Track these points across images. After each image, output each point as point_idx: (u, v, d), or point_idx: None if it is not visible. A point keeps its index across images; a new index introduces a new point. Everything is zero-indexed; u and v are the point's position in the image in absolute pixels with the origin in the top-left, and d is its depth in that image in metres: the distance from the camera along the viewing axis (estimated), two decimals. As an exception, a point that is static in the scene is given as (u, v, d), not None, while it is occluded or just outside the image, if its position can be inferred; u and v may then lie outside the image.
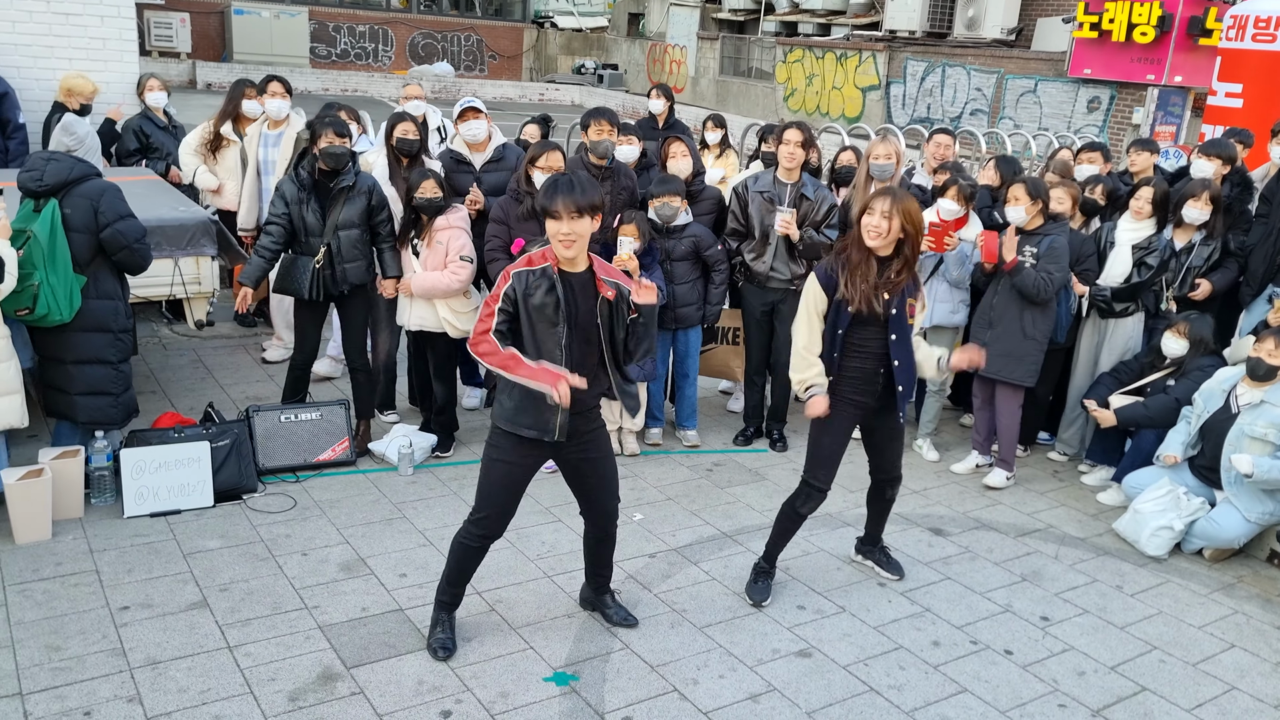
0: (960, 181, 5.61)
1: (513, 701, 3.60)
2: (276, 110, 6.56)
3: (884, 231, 3.91)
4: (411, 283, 5.34)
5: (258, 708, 3.47)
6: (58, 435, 4.90)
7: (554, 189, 3.45)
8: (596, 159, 5.71)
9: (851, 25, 20.93)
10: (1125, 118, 15.06)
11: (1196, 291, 5.83)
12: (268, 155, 6.58)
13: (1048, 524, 5.34)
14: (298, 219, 5.24)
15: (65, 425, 4.87)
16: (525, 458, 3.70)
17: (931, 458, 6.06)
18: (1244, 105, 10.09)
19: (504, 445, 3.69)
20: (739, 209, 5.79)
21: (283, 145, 6.53)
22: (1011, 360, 5.50)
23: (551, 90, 26.37)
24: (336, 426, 5.39)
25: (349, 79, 23.99)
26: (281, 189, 5.27)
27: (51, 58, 7.02)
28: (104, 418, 4.81)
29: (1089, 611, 4.49)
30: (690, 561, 4.68)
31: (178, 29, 21.86)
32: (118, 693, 3.49)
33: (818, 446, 4.23)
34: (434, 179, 5.29)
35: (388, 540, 4.66)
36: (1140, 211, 5.79)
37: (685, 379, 5.98)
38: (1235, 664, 4.17)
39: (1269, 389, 4.90)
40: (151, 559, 4.36)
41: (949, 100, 17.96)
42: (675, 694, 3.70)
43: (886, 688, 3.84)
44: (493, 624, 4.06)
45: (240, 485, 4.96)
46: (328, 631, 3.93)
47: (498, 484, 3.70)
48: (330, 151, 5.15)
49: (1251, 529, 4.93)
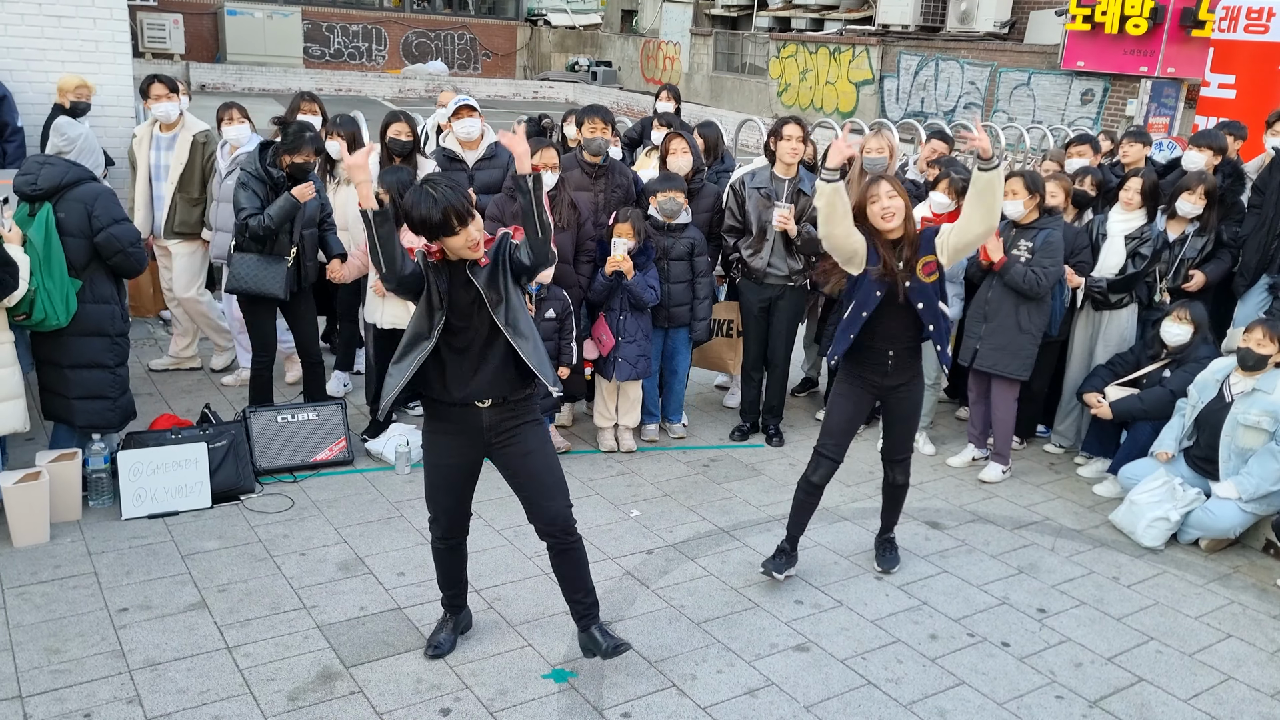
0: (952, 175, 5.62)
1: (512, 699, 3.61)
2: (164, 114, 6.17)
3: (899, 209, 4.01)
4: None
5: (257, 708, 3.48)
6: (55, 438, 4.90)
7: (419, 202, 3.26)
8: (590, 156, 5.72)
9: (844, 20, 20.94)
10: (1119, 110, 15.07)
11: (1190, 283, 5.85)
12: (160, 160, 6.26)
13: (1044, 516, 5.36)
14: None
15: (63, 428, 4.87)
16: (454, 457, 3.59)
17: (928, 451, 6.07)
18: (1237, 96, 10.12)
19: (435, 446, 3.60)
20: (736, 205, 5.80)
21: (177, 149, 6.20)
22: (1006, 354, 5.52)
23: (545, 88, 26.36)
24: (334, 426, 5.40)
25: (343, 79, 23.98)
26: (250, 186, 5.23)
27: (44, 60, 7.00)
28: (101, 421, 4.81)
29: (1086, 603, 4.50)
30: (687, 557, 4.69)
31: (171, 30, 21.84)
32: (117, 694, 3.50)
33: (829, 416, 4.37)
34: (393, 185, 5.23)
35: (385, 539, 4.67)
36: (1130, 203, 5.81)
37: (674, 375, 6.00)
38: (1232, 654, 4.19)
39: (1261, 377, 4.92)
40: (150, 560, 4.36)
41: (943, 94, 17.96)
42: (674, 689, 3.71)
43: (884, 681, 3.85)
44: (491, 622, 4.07)
45: (238, 486, 4.96)
46: (326, 631, 3.94)
47: (438, 486, 3.63)
48: (304, 167, 5.27)
49: (1247, 519, 4.95)
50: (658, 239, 5.60)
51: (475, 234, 3.35)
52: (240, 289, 5.32)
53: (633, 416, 5.84)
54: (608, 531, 4.86)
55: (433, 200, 3.24)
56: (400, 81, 24.32)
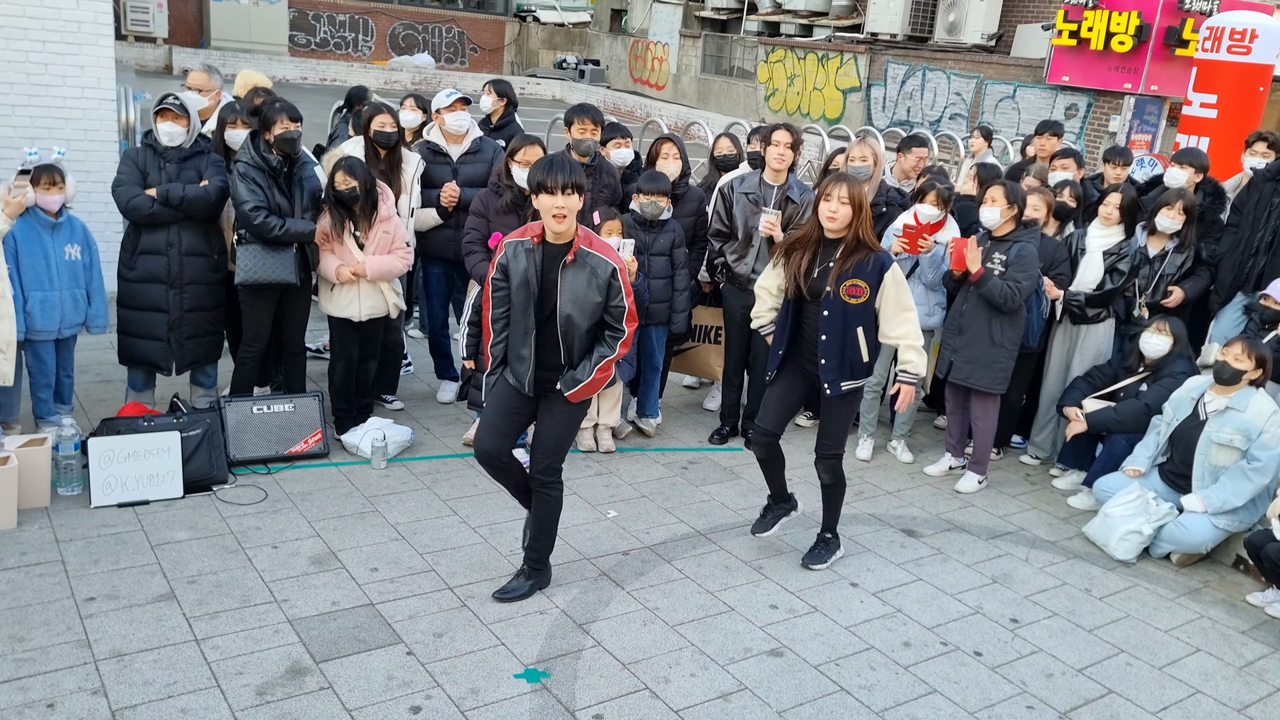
0: (938, 186, 5.64)
1: (483, 698, 3.58)
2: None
3: (842, 218, 4.24)
4: (367, 268, 5.31)
5: (225, 701, 3.44)
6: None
7: (549, 167, 3.81)
8: (579, 156, 5.70)
9: (833, 27, 20.98)
10: (1102, 125, 15.19)
11: (1169, 299, 5.90)
12: None
13: (1019, 527, 5.38)
14: (273, 206, 5.18)
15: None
16: (509, 398, 4.13)
17: (905, 459, 6.09)
18: (1218, 115, 10.21)
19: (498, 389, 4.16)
20: (724, 210, 5.80)
21: None
22: (979, 367, 5.54)
23: (533, 84, 26.27)
24: (309, 419, 5.35)
25: (328, 68, 23.80)
26: (250, 175, 5.10)
27: (25, 40, 6.90)
28: None
29: (1058, 614, 4.53)
30: (664, 559, 4.67)
31: (154, 13, 21.60)
32: (82, 685, 3.45)
33: (764, 395, 4.65)
34: (342, 169, 5.21)
35: (359, 534, 4.63)
36: (1109, 218, 5.85)
37: (653, 371, 5.99)
38: (1200, 668, 4.22)
39: (1234, 395, 4.96)
40: (119, 550, 4.30)
41: (929, 104, 18.05)
42: (646, 692, 3.70)
43: (857, 688, 3.85)
44: (464, 620, 4.04)
45: (211, 476, 4.91)
46: (297, 625, 3.90)
47: (491, 407, 4.14)
48: (286, 137, 5.14)
49: (1219, 535, 4.99)
50: (639, 235, 5.59)
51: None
52: (251, 281, 5.20)
53: (615, 416, 5.83)
54: (584, 532, 4.84)
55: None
56: (386, 73, 24.16)
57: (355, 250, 5.32)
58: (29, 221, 4.92)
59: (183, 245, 5.23)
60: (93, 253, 5.20)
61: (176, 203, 5.12)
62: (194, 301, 5.32)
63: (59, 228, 5.01)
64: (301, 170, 5.32)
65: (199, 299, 5.34)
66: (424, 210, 5.89)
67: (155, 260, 5.21)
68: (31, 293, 4.94)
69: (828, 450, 4.61)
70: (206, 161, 5.30)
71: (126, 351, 5.38)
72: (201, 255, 5.30)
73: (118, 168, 5.23)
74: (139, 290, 5.25)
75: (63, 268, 5.03)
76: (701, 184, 6.59)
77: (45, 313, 4.99)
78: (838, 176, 4.29)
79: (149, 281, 5.23)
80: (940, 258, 5.71)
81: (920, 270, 5.79)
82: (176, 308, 5.27)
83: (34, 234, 4.93)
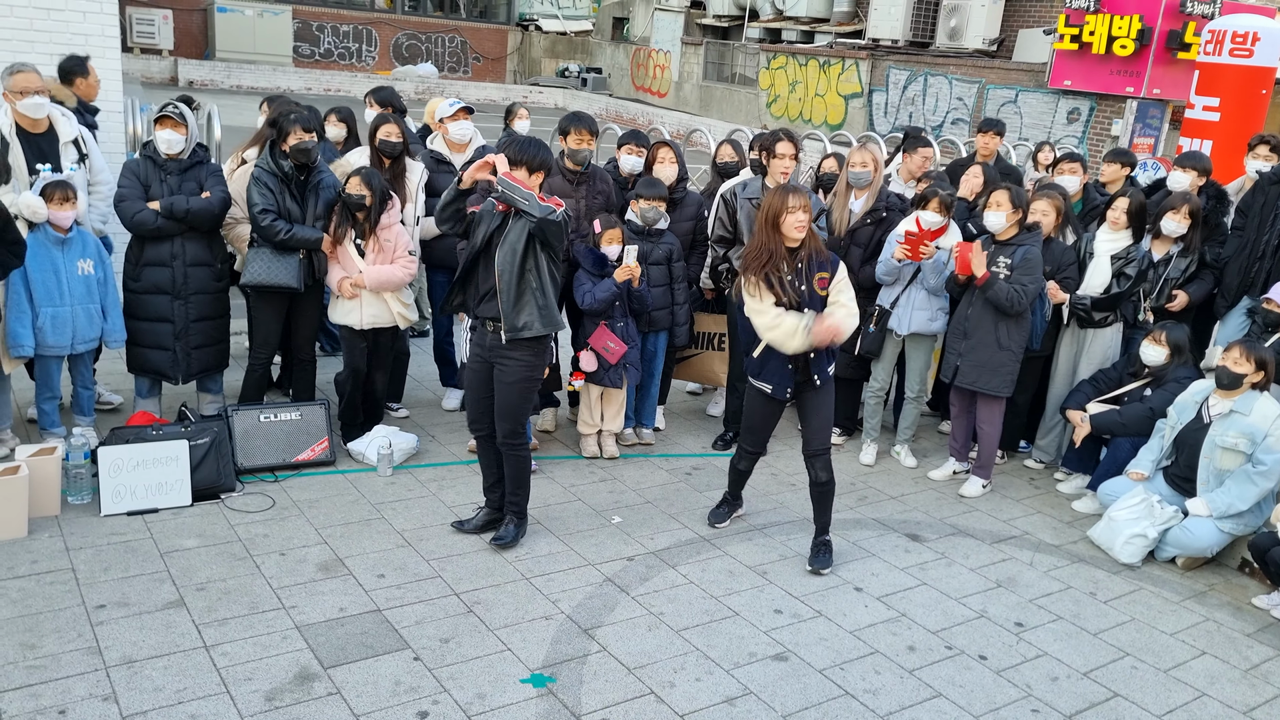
0: (941, 192, 5.66)
1: (490, 703, 3.60)
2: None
3: (805, 224, 4.44)
4: (365, 277, 5.34)
5: (234, 707, 3.46)
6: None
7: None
8: (574, 166, 5.72)
9: (835, 33, 21.04)
10: (1104, 129, 15.22)
11: (1174, 303, 5.91)
12: None
13: (1023, 531, 5.39)
14: (283, 211, 5.23)
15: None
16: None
17: (909, 464, 6.10)
18: (1221, 119, 10.23)
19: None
20: (727, 215, 5.82)
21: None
22: (986, 371, 5.55)
23: (535, 93, 26.37)
24: (316, 427, 5.38)
25: (332, 79, 23.92)
26: (263, 180, 5.19)
27: (32, 53, 6.94)
28: None
29: (1063, 618, 4.54)
30: (668, 565, 4.69)
31: (160, 26, 21.75)
32: (93, 691, 3.47)
33: (747, 418, 4.88)
34: (359, 176, 5.26)
35: (366, 541, 4.66)
36: (1116, 222, 5.86)
37: (651, 378, 6.01)
38: (1206, 671, 4.23)
39: (1238, 399, 4.97)
40: (128, 557, 4.33)
41: (930, 109, 18.09)
42: (652, 696, 3.72)
43: (862, 692, 3.87)
44: (470, 625, 4.06)
45: (218, 484, 4.94)
46: (305, 631, 3.92)
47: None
48: (302, 147, 5.19)
49: (1224, 538, 4.99)
50: (637, 244, 5.61)
51: None
52: (255, 283, 5.28)
53: (619, 422, 5.85)
54: (589, 537, 4.86)
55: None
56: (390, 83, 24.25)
57: (355, 256, 5.36)
58: (39, 237, 4.93)
59: (187, 256, 5.27)
60: (106, 267, 5.21)
61: (181, 215, 5.16)
62: (199, 311, 5.36)
63: (69, 243, 5.02)
64: (317, 179, 5.36)
65: (204, 309, 5.38)
66: (428, 219, 5.92)
67: (160, 271, 5.25)
68: (42, 308, 4.95)
69: (821, 445, 4.70)
70: (206, 171, 5.34)
71: (135, 361, 5.42)
72: (206, 265, 5.34)
73: (118, 181, 5.26)
74: (145, 301, 5.29)
75: (75, 283, 5.05)
76: (704, 191, 6.62)
77: (56, 328, 5.00)
78: (784, 189, 4.48)
79: (154, 293, 5.27)
80: (944, 263, 5.72)
81: (923, 276, 5.80)
82: (182, 318, 5.31)
83: (44, 250, 4.95)
